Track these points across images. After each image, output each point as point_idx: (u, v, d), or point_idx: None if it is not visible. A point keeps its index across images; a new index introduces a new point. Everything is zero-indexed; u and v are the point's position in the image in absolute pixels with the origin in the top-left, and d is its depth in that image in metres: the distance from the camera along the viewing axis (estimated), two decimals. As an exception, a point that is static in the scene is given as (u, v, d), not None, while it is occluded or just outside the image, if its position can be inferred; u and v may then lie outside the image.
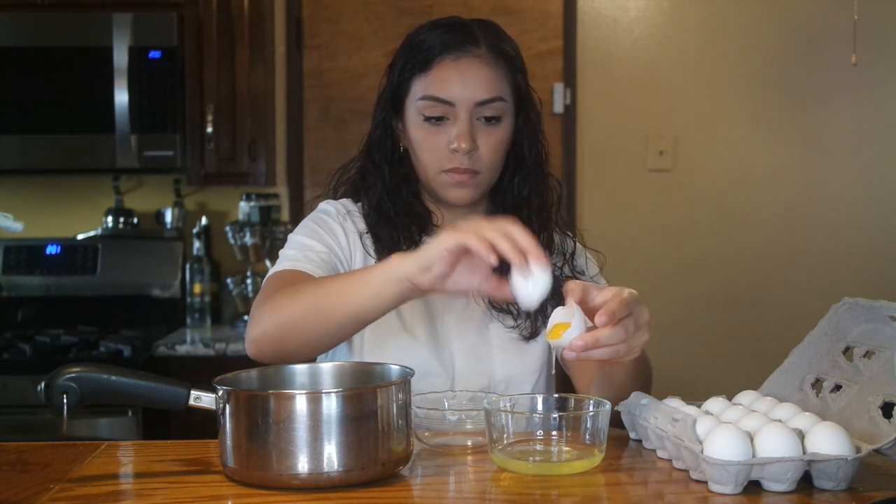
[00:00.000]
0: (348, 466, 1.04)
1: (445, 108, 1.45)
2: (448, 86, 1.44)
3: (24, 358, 2.77)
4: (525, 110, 1.51)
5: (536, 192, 1.53)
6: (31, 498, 1.03)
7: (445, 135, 1.45)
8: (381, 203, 1.52)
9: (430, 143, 1.47)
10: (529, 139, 1.52)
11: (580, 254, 1.59)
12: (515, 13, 3.43)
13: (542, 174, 1.55)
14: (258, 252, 3.23)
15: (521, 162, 1.53)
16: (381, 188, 1.52)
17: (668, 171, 3.51)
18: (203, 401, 1.09)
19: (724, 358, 3.46)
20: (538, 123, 1.54)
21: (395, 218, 1.50)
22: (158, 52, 2.97)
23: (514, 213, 1.52)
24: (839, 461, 1.02)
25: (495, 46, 1.47)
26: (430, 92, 1.45)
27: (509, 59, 1.49)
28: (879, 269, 3.48)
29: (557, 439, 1.14)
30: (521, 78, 1.50)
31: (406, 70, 1.49)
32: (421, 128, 1.47)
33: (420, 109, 1.47)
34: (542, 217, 1.54)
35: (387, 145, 1.53)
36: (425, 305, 1.50)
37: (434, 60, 1.45)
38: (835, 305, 1.27)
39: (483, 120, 1.46)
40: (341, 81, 3.42)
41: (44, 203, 3.36)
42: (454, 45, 1.45)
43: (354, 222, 1.53)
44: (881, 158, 3.54)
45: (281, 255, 1.48)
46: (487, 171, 1.48)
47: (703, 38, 3.50)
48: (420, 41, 1.48)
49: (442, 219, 1.54)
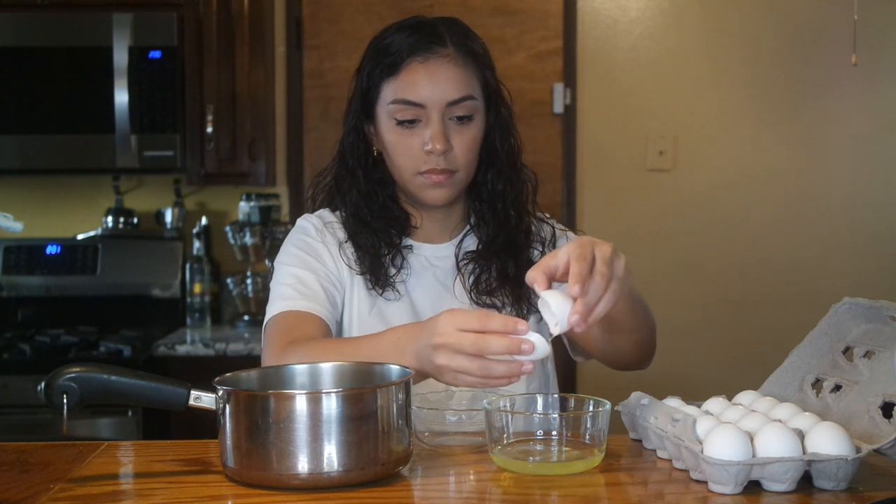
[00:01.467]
0: (348, 466, 1.03)
1: (417, 111, 1.45)
2: (418, 88, 1.44)
3: (24, 358, 2.77)
4: (496, 106, 1.52)
5: (511, 185, 1.54)
6: (31, 498, 1.03)
7: (419, 137, 1.45)
8: (358, 209, 1.52)
9: (404, 146, 1.47)
10: (501, 134, 1.53)
11: (560, 237, 1.61)
12: (515, 13, 3.43)
13: (516, 167, 1.56)
14: (258, 252, 3.23)
15: (494, 157, 1.53)
16: (357, 194, 1.53)
17: (668, 171, 3.51)
18: (203, 401, 1.08)
19: (724, 358, 3.45)
20: (509, 118, 1.54)
21: (372, 223, 1.51)
22: (158, 52, 2.97)
23: (491, 208, 1.54)
24: (839, 461, 1.01)
25: (462, 45, 1.47)
26: (401, 95, 1.45)
27: (477, 57, 1.49)
28: (879, 269, 3.47)
29: (557, 439, 1.14)
30: (489, 74, 1.51)
31: (374, 75, 1.49)
32: (393, 131, 1.47)
33: (391, 113, 1.47)
34: (519, 208, 1.55)
35: (360, 150, 1.54)
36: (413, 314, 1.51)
37: (402, 63, 1.45)
38: (835, 305, 1.27)
39: (455, 119, 1.46)
40: (341, 81, 3.41)
41: (44, 203, 3.36)
42: (421, 46, 1.45)
43: (334, 232, 1.54)
44: (881, 158, 3.54)
45: (273, 292, 1.48)
46: (463, 169, 1.48)
47: (703, 38, 3.50)
48: (386, 44, 1.48)
49: (421, 220, 1.55)
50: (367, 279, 1.50)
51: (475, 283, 1.52)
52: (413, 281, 1.52)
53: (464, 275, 1.53)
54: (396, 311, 1.50)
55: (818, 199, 3.52)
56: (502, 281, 1.51)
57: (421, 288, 1.53)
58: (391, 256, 1.51)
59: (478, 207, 1.55)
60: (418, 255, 1.54)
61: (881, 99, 3.54)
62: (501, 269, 1.51)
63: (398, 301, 1.50)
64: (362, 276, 1.50)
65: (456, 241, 1.56)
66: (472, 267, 1.53)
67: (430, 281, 1.53)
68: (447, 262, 1.55)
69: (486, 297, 1.51)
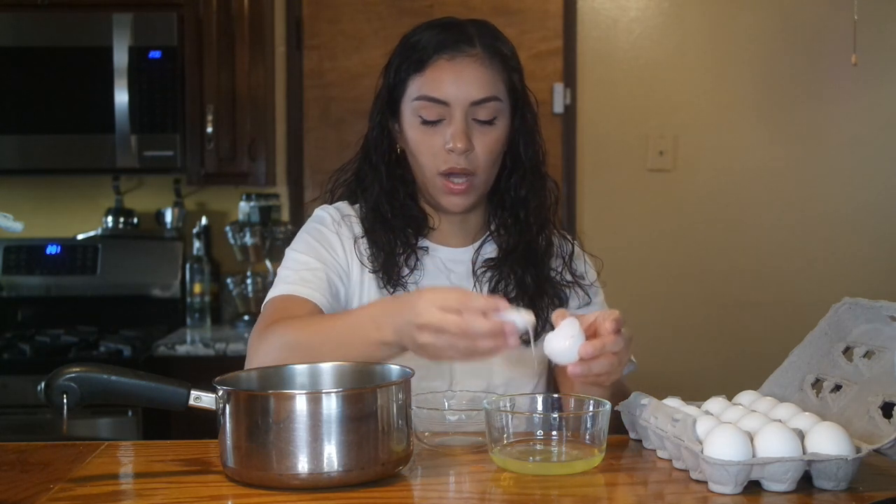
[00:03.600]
0: (348, 466, 1.03)
1: (441, 109, 1.45)
2: (443, 85, 1.44)
3: (24, 358, 2.77)
4: (521, 111, 1.51)
5: (534, 193, 1.53)
6: (31, 498, 1.03)
7: (441, 135, 1.45)
8: (378, 205, 1.52)
9: (427, 144, 1.46)
10: (526, 140, 1.52)
11: (579, 257, 1.59)
12: (515, 13, 3.42)
13: (540, 175, 1.54)
14: (258, 252, 3.23)
15: (517, 163, 1.52)
16: (379, 190, 1.52)
17: (668, 171, 3.51)
18: (203, 401, 1.09)
19: (724, 358, 3.45)
20: (535, 124, 1.53)
21: (391, 220, 1.51)
22: (158, 52, 2.97)
23: (512, 215, 1.52)
24: (839, 461, 1.02)
25: (490, 46, 1.47)
26: (425, 92, 1.45)
27: (504, 59, 1.48)
28: (879, 269, 3.48)
29: (557, 439, 1.14)
30: (516, 78, 1.50)
31: (401, 70, 1.49)
32: (417, 129, 1.47)
33: (416, 110, 1.46)
34: (540, 218, 1.54)
35: (383, 146, 1.53)
36: None
37: (429, 60, 1.45)
38: (835, 305, 1.27)
39: (479, 121, 1.45)
40: (341, 81, 3.42)
41: (44, 203, 3.36)
42: (449, 44, 1.45)
43: (351, 226, 1.53)
44: (881, 158, 3.54)
45: (278, 275, 1.49)
46: (483, 171, 1.47)
47: (703, 38, 3.50)
48: (415, 41, 1.48)
49: (438, 222, 1.54)
50: (380, 277, 1.49)
51: (492, 292, 1.50)
52: (427, 283, 1.50)
53: (481, 282, 1.52)
54: None
55: (818, 198, 3.52)
56: (520, 291, 1.50)
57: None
58: (405, 256, 1.50)
59: (499, 214, 1.54)
60: (434, 258, 1.53)
61: (881, 99, 3.54)
62: (520, 279, 1.50)
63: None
64: (374, 273, 1.49)
65: (475, 246, 1.55)
66: (490, 274, 1.52)
67: (445, 284, 1.51)
68: (463, 266, 1.54)
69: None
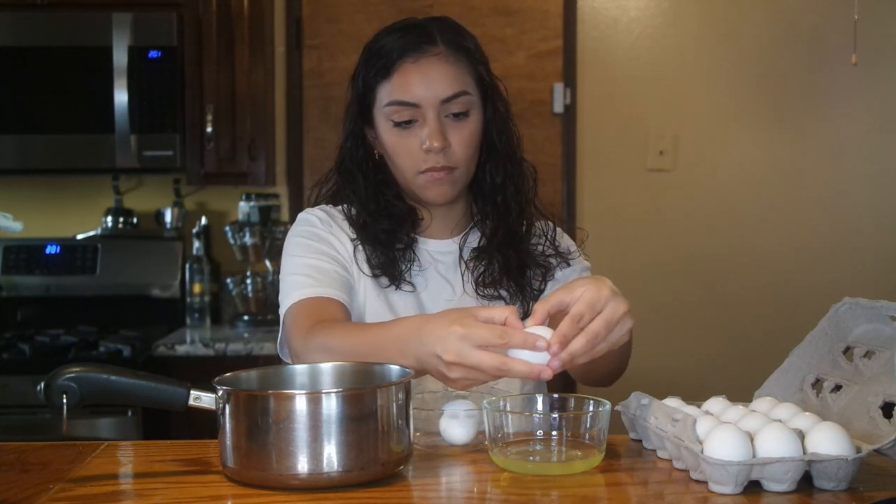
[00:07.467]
0: (348, 466, 1.03)
1: (413, 111, 1.46)
2: (411, 88, 1.45)
3: (24, 358, 2.77)
4: (492, 100, 1.53)
5: (510, 178, 1.55)
6: (31, 498, 1.03)
7: (417, 137, 1.47)
8: (366, 211, 1.53)
9: (403, 146, 1.48)
10: (499, 128, 1.54)
11: (561, 234, 1.63)
12: (515, 13, 3.43)
13: (516, 161, 1.56)
14: (258, 252, 3.23)
15: (493, 151, 1.54)
16: (363, 196, 1.54)
17: (668, 171, 3.51)
18: (203, 401, 1.08)
19: (724, 358, 3.45)
20: (506, 111, 1.55)
21: (379, 223, 1.52)
22: (158, 52, 2.97)
23: (491, 202, 1.55)
24: (839, 461, 1.01)
25: (453, 42, 1.49)
26: (395, 97, 1.47)
27: (468, 53, 1.50)
28: (879, 269, 3.47)
29: (557, 439, 1.14)
30: (483, 69, 1.52)
31: (369, 78, 1.50)
32: (392, 133, 1.48)
33: (388, 115, 1.48)
34: (520, 202, 1.56)
35: (359, 155, 1.55)
36: (418, 307, 1.52)
37: (394, 65, 1.47)
38: (835, 305, 1.27)
39: (451, 116, 1.47)
40: (341, 81, 3.39)
41: (44, 203, 3.36)
42: (412, 46, 1.47)
43: (340, 226, 1.55)
44: (881, 158, 3.54)
45: (287, 283, 1.47)
46: (463, 164, 1.49)
47: (703, 37, 3.50)
48: (379, 48, 1.50)
49: (427, 216, 1.56)
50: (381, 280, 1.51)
51: (479, 278, 1.53)
52: (418, 274, 1.54)
53: (469, 269, 1.55)
54: (402, 302, 1.52)
55: (818, 198, 3.52)
56: (505, 273, 1.53)
57: (425, 282, 1.54)
58: (402, 251, 1.53)
59: (480, 203, 1.57)
60: (422, 251, 1.56)
61: (881, 99, 3.54)
62: (504, 262, 1.53)
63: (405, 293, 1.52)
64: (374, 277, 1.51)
65: (459, 237, 1.58)
66: (476, 263, 1.55)
67: (433, 275, 1.55)
68: (449, 257, 1.57)
69: (490, 290, 1.53)
